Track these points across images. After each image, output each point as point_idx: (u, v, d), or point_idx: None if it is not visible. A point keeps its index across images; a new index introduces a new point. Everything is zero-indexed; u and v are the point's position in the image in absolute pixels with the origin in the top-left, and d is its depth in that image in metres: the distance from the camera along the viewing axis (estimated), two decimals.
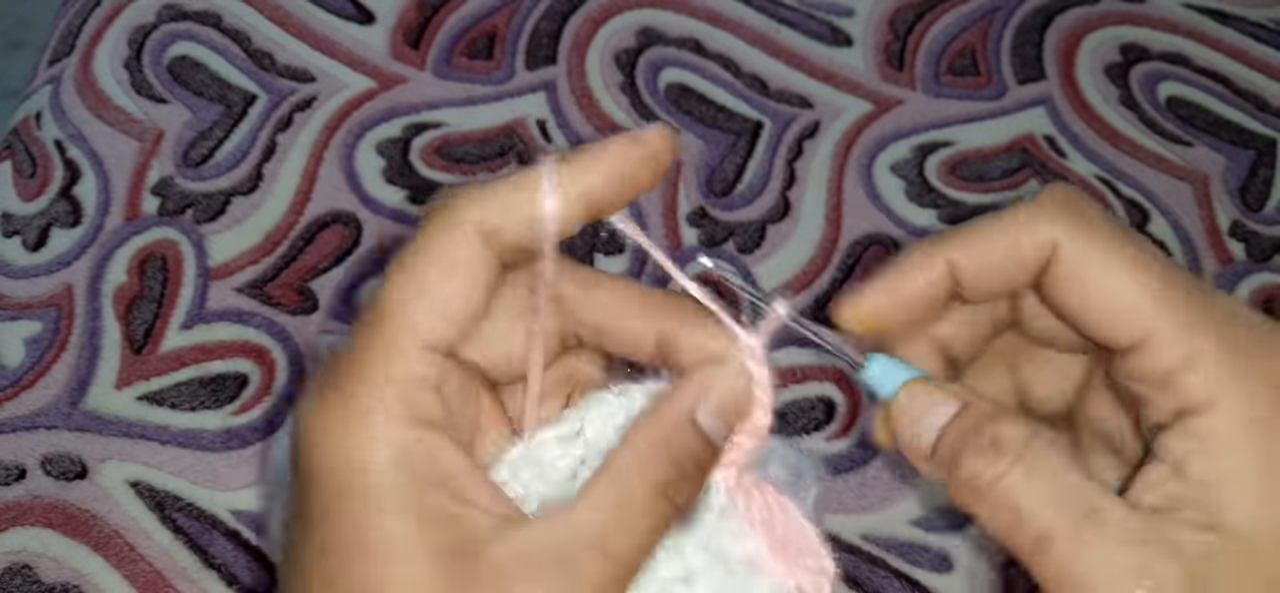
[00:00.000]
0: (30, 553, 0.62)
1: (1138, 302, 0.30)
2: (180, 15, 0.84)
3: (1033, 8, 0.87)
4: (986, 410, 0.31)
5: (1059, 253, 0.31)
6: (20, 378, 0.68)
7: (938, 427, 0.32)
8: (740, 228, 0.75)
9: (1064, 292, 0.32)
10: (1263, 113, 0.81)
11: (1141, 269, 0.30)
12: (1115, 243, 0.31)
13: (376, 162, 0.77)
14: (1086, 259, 0.31)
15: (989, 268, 0.32)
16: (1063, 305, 0.32)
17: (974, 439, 0.30)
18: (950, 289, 0.33)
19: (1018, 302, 0.35)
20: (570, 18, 0.85)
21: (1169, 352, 0.30)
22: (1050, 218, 0.32)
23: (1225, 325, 0.30)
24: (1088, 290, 0.31)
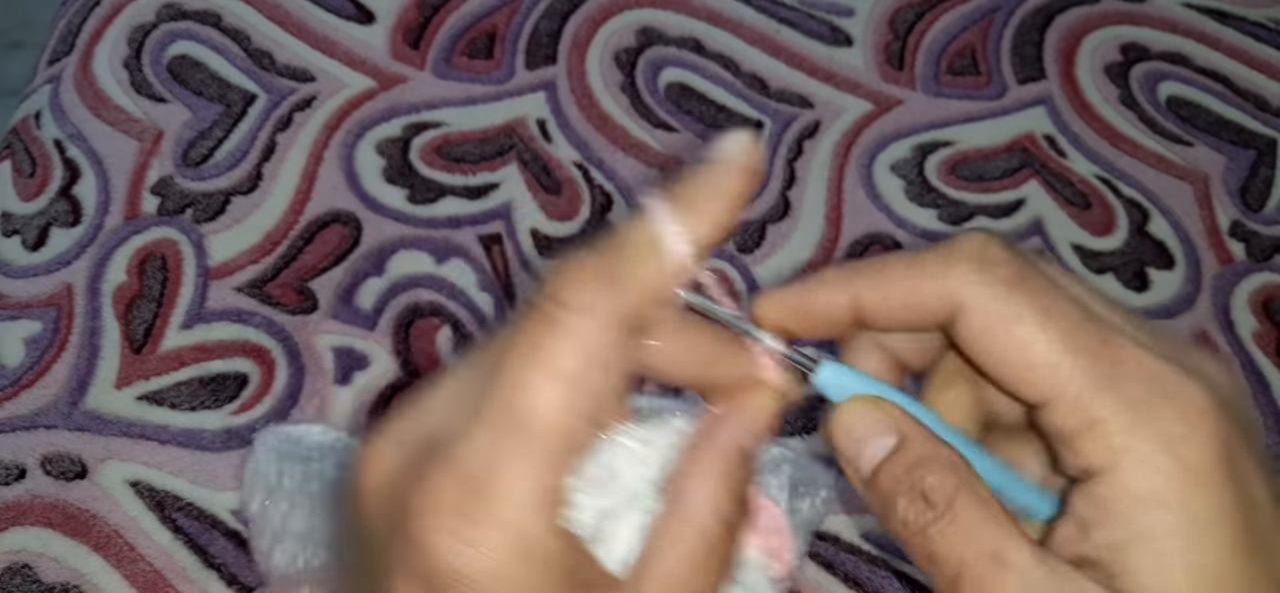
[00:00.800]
0: (30, 553, 0.62)
1: (1040, 363, 0.30)
2: (180, 15, 0.84)
3: (1033, 8, 0.87)
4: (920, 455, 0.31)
5: (964, 309, 0.31)
6: (20, 378, 0.67)
7: (876, 461, 0.32)
8: (740, 228, 0.75)
9: (971, 347, 0.31)
10: (1263, 113, 0.81)
11: (1048, 326, 0.30)
12: (1021, 300, 0.30)
13: (376, 161, 0.77)
14: (990, 317, 0.30)
15: (890, 311, 0.33)
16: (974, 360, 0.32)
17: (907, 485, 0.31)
18: (853, 319, 0.33)
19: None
20: (570, 17, 0.85)
21: (1069, 416, 0.30)
22: (957, 272, 0.31)
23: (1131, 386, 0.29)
24: (993, 349, 0.31)
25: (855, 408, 0.33)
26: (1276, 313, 0.73)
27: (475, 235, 0.74)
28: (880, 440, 0.32)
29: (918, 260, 0.32)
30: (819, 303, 0.33)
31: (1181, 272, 0.74)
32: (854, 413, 0.33)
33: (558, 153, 0.78)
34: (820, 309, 0.33)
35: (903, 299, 0.32)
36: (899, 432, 0.32)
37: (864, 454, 0.32)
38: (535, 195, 0.76)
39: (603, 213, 0.75)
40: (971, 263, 0.31)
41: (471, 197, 0.75)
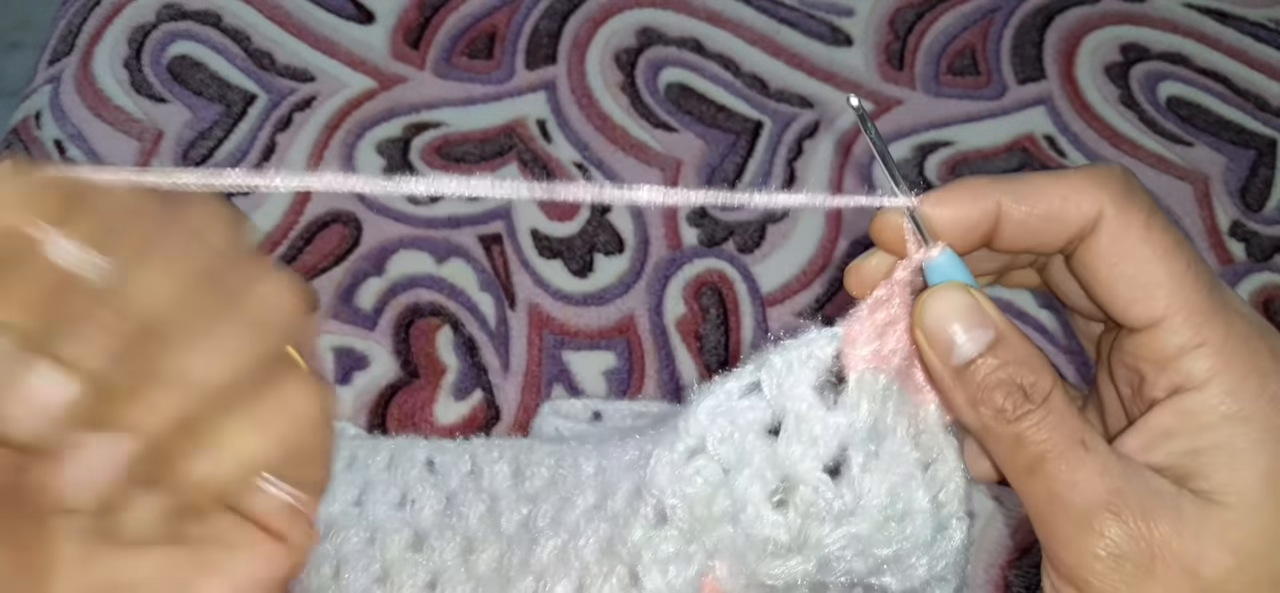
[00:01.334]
0: None
1: (1161, 285, 0.33)
2: (180, 15, 0.84)
3: (1033, 8, 0.87)
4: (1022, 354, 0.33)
5: (1102, 223, 0.33)
6: None
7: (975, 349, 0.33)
8: (740, 228, 0.75)
9: (1096, 262, 0.34)
10: (1263, 113, 0.81)
11: (1170, 256, 0.33)
12: (1155, 227, 0.33)
13: (376, 161, 0.77)
14: (1125, 235, 0.33)
15: (1032, 220, 0.34)
16: (1091, 275, 0.34)
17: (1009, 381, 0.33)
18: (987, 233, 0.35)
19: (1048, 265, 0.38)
20: (570, 17, 0.85)
21: (1178, 337, 0.32)
22: (1102, 188, 0.34)
23: (1234, 320, 0.32)
24: (1119, 266, 0.33)
25: (953, 295, 0.34)
26: (1277, 313, 0.73)
27: (475, 235, 0.74)
28: (980, 331, 0.33)
29: (1064, 176, 0.34)
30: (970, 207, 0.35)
31: None
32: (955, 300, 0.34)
33: (558, 153, 0.78)
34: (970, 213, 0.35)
35: (1048, 209, 0.34)
36: (996, 327, 0.33)
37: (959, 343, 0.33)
38: None
39: (603, 213, 0.75)
40: (1119, 186, 0.34)
41: (471, 197, 0.75)
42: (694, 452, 0.36)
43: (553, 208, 0.75)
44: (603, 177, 0.76)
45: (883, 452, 0.35)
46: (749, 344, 0.70)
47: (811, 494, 0.35)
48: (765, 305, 0.72)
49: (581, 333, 0.70)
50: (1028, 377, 0.33)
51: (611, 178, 0.77)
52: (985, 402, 0.33)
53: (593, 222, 0.75)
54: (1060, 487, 0.32)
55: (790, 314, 0.72)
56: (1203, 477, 0.31)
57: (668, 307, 0.71)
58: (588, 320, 0.70)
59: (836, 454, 0.35)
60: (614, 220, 0.75)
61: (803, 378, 0.35)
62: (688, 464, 0.36)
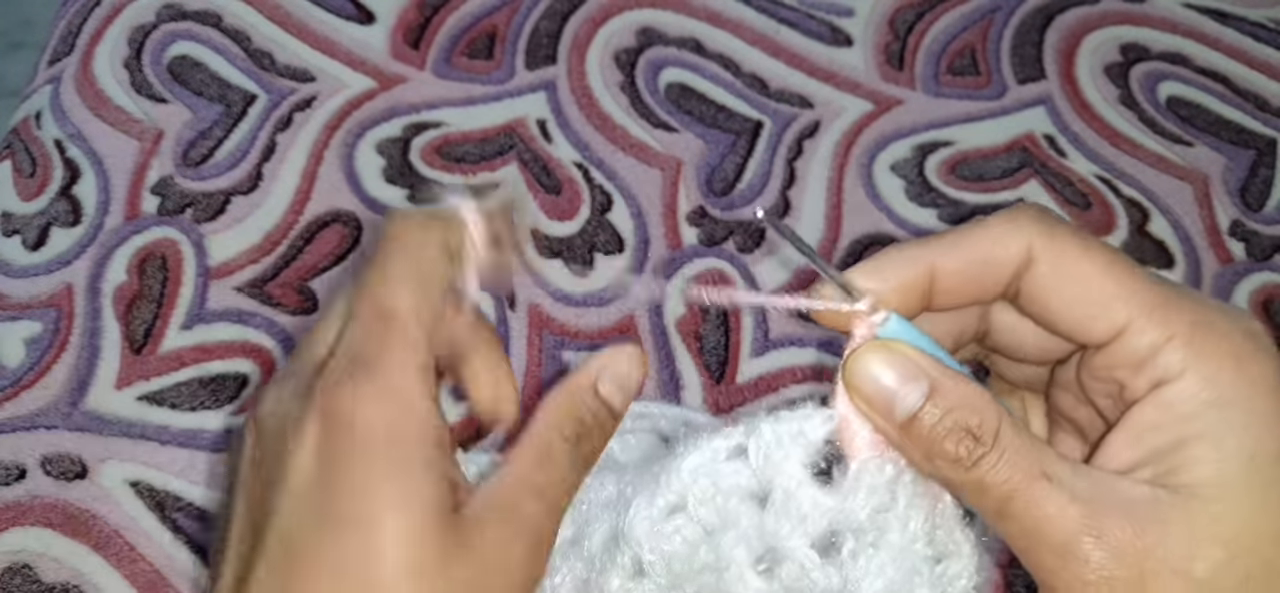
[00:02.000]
0: (30, 553, 0.62)
1: (1113, 296, 0.33)
2: (180, 15, 0.84)
3: (1033, 8, 0.87)
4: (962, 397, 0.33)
5: (1034, 257, 0.34)
6: (20, 378, 0.68)
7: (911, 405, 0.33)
8: (740, 228, 0.75)
9: (1044, 292, 0.34)
10: (1263, 113, 0.81)
11: (1113, 267, 0.33)
12: (1086, 247, 0.34)
13: (376, 161, 0.77)
14: (1062, 261, 0.33)
15: (967, 272, 0.35)
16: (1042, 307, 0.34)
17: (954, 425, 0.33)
18: (925, 295, 0.35)
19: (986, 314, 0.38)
20: (570, 18, 0.85)
21: (1146, 335, 0.33)
22: (1028, 229, 0.34)
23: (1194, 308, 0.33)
24: (1065, 291, 0.33)
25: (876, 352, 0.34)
26: (1276, 313, 0.73)
27: None
28: (913, 384, 0.33)
29: (986, 224, 0.35)
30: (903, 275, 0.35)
31: (1181, 272, 0.74)
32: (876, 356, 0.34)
33: (558, 153, 0.78)
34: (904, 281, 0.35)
35: (979, 258, 0.34)
36: (929, 376, 0.33)
37: (897, 401, 0.33)
38: (535, 195, 0.76)
39: (602, 213, 0.75)
40: (1039, 221, 0.34)
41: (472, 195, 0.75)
42: (675, 509, 0.36)
43: (553, 207, 0.75)
44: (603, 177, 0.77)
45: (885, 543, 0.34)
46: (749, 344, 0.70)
47: (798, 570, 0.34)
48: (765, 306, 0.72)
49: (581, 333, 0.70)
50: (973, 418, 0.32)
51: (612, 178, 0.77)
52: (938, 453, 0.33)
53: (593, 221, 0.75)
54: (1032, 523, 0.31)
55: (790, 314, 0.72)
56: (1186, 468, 0.31)
57: (668, 307, 0.71)
58: (588, 321, 0.70)
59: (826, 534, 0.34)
60: (614, 220, 0.75)
61: (792, 454, 0.35)
62: (667, 521, 0.36)
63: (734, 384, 0.68)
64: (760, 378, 0.68)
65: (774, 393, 0.68)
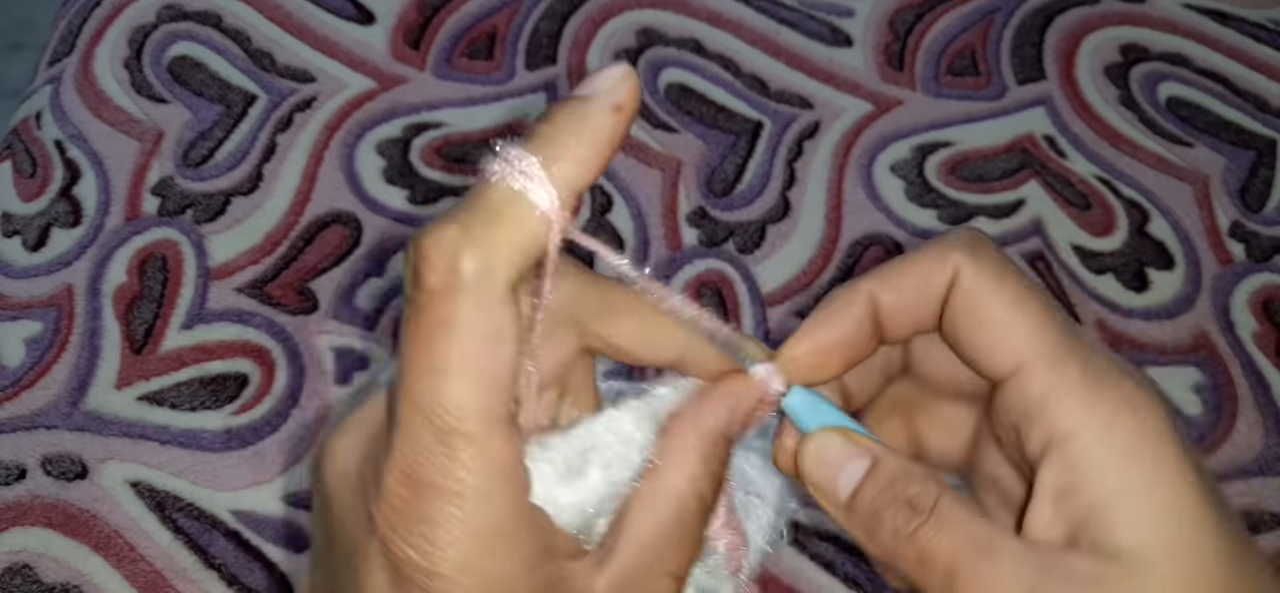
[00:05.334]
0: (30, 553, 0.62)
1: (1014, 330, 0.32)
2: (180, 15, 0.84)
3: (1033, 8, 0.87)
4: (899, 468, 0.33)
5: (958, 280, 0.33)
6: (20, 378, 0.68)
7: (854, 482, 0.33)
8: (740, 228, 0.75)
9: (956, 319, 0.33)
10: (1263, 113, 0.81)
11: (1022, 301, 0.33)
12: (1005, 277, 0.33)
13: (377, 162, 0.77)
14: (978, 287, 0.33)
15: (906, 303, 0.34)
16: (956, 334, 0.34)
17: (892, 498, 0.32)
18: (875, 331, 0.35)
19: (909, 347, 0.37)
20: (570, 18, 0.85)
21: (1038, 380, 0.32)
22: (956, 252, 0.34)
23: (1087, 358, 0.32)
24: (975, 317, 0.33)
25: (826, 438, 0.34)
26: (1276, 313, 0.73)
27: None
28: (854, 465, 0.33)
29: (919, 251, 0.34)
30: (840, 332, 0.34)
31: (1181, 272, 0.74)
32: (826, 443, 0.34)
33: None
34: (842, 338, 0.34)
35: (914, 286, 0.34)
36: (871, 454, 0.33)
37: (840, 480, 0.33)
38: None
39: (603, 213, 0.75)
40: (966, 245, 0.34)
41: None
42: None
43: None
44: (603, 177, 0.77)
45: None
46: None
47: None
48: (765, 305, 0.72)
49: None
50: (911, 489, 0.32)
51: (611, 178, 0.77)
52: (878, 527, 0.32)
53: (593, 222, 0.75)
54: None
55: (790, 314, 0.72)
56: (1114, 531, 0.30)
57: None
58: None
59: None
60: (614, 220, 0.75)
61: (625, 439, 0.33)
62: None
63: None
64: None
65: None
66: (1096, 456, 0.31)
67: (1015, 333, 0.32)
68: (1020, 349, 0.32)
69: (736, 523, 0.36)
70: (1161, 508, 0.30)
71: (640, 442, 0.33)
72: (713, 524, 0.34)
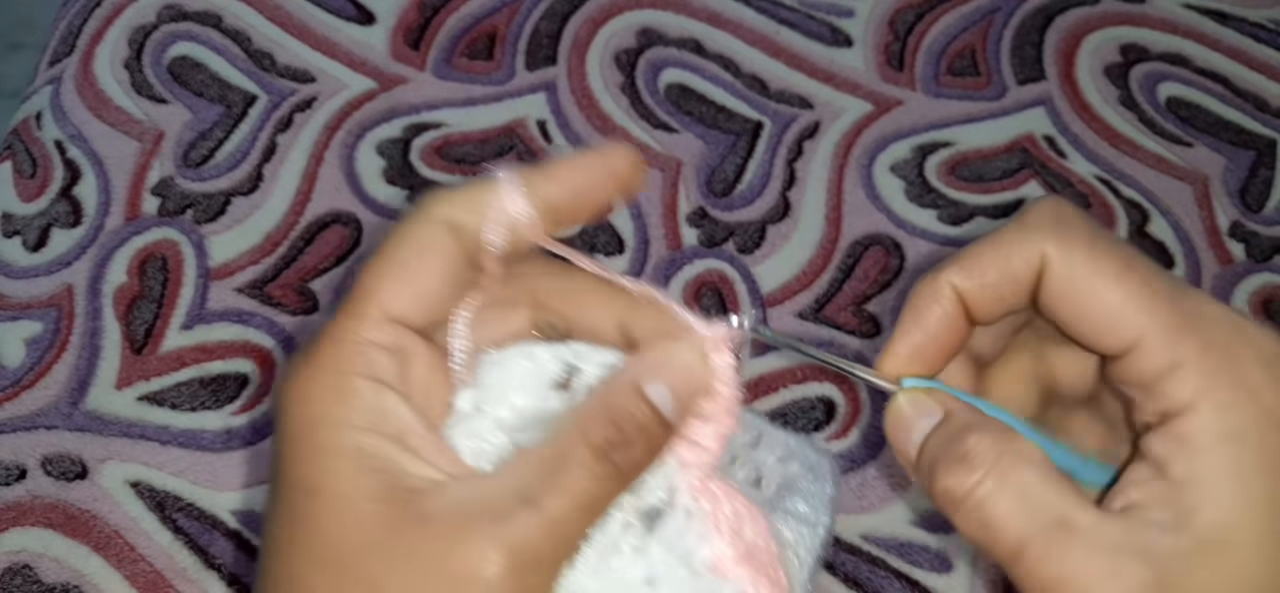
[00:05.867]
0: (30, 553, 0.62)
1: (1124, 309, 0.31)
2: (180, 15, 0.84)
3: (1033, 8, 0.87)
4: (962, 422, 0.32)
5: (1048, 265, 0.32)
6: (20, 378, 0.68)
7: (921, 437, 0.33)
8: (740, 228, 0.75)
9: (1055, 304, 0.32)
10: (1263, 113, 0.81)
11: (1127, 277, 0.31)
12: (1100, 252, 0.32)
13: (377, 162, 0.77)
14: (1073, 270, 0.32)
15: (989, 290, 0.33)
16: (1056, 316, 0.33)
17: (947, 452, 0.32)
18: (964, 318, 0.34)
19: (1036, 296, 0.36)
20: (570, 18, 0.85)
21: (1154, 357, 0.31)
22: (1038, 232, 0.33)
23: (1209, 330, 0.31)
24: (1076, 301, 0.32)
25: (901, 399, 0.34)
26: (1276, 313, 0.73)
27: None
28: (926, 419, 0.33)
29: (999, 234, 0.33)
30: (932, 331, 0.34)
31: (1181, 272, 0.74)
32: (904, 400, 0.34)
33: (558, 154, 0.78)
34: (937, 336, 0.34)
35: (997, 274, 0.33)
36: (944, 410, 0.33)
37: (912, 435, 0.33)
38: None
39: None
40: (1050, 223, 0.32)
41: None
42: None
43: None
44: None
45: None
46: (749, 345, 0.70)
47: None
48: (765, 305, 0.72)
49: None
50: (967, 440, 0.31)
51: None
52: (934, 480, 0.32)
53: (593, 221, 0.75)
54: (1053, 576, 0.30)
55: (790, 314, 0.72)
56: (1205, 509, 0.30)
57: None
58: None
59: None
60: (614, 221, 0.75)
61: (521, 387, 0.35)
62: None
63: None
64: (760, 378, 0.68)
65: (774, 393, 0.68)
66: (1204, 433, 0.30)
67: (1124, 312, 0.31)
68: (1131, 328, 0.31)
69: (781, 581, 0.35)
70: (1257, 494, 0.30)
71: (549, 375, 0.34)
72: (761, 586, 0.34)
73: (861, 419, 0.67)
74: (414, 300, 0.33)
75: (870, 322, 0.71)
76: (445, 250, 0.33)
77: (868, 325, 0.71)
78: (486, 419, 0.34)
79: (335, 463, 0.30)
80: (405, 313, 0.33)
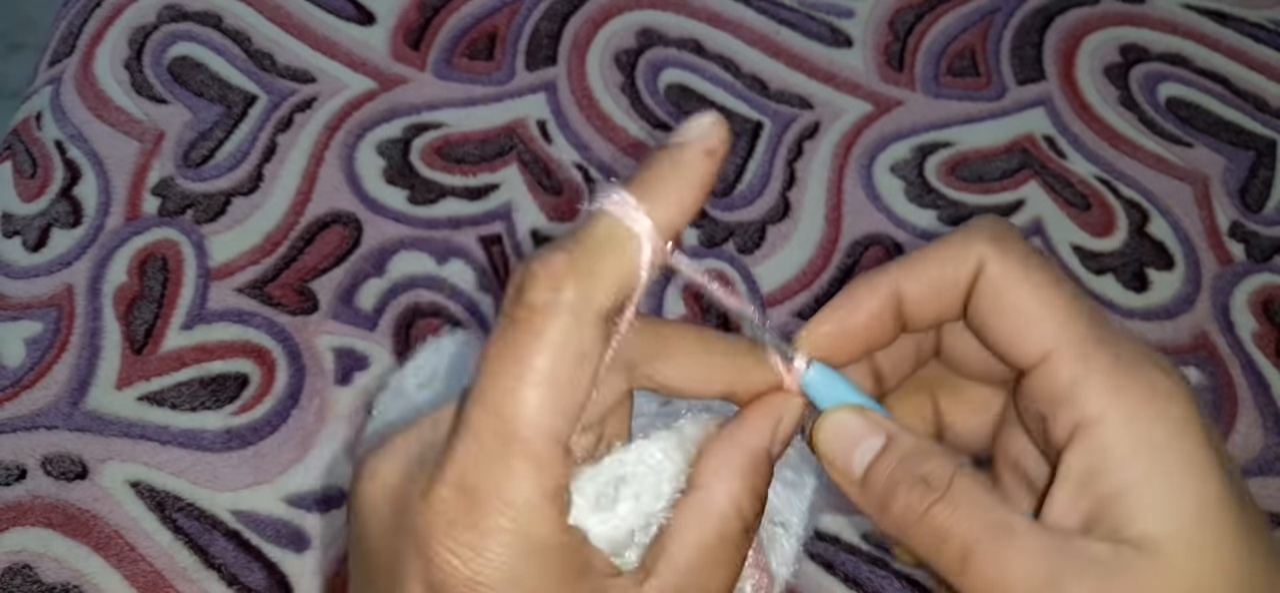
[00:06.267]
0: (30, 553, 0.62)
1: (1042, 320, 0.32)
2: (181, 15, 0.84)
3: (1033, 8, 0.87)
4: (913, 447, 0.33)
5: (983, 271, 0.33)
6: (20, 378, 0.68)
7: (867, 460, 0.33)
8: (740, 228, 0.75)
9: (984, 309, 0.33)
10: (1263, 113, 0.82)
11: (1050, 291, 0.32)
12: (1031, 266, 0.33)
13: (377, 162, 0.77)
14: (1005, 277, 0.33)
15: (929, 292, 0.34)
16: (982, 324, 0.34)
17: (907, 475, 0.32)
18: (896, 318, 0.35)
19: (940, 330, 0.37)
20: (570, 18, 0.85)
21: (1066, 369, 0.32)
22: (978, 241, 0.33)
23: (1119, 348, 0.32)
24: (1001, 308, 0.33)
25: (842, 415, 0.34)
26: (1276, 313, 0.73)
27: (476, 236, 0.74)
28: (869, 442, 0.33)
29: (944, 241, 0.34)
30: (861, 318, 0.34)
31: (1181, 272, 0.74)
32: (841, 420, 0.34)
33: (558, 154, 0.78)
34: (863, 324, 0.34)
35: (936, 276, 0.34)
36: (886, 432, 0.33)
37: (854, 457, 0.34)
38: (536, 196, 0.76)
39: None
40: (990, 235, 0.33)
41: (472, 197, 0.76)
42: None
43: (553, 207, 0.75)
44: (603, 177, 0.77)
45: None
46: None
47: None
48: (765, 306, 0.72)
49: None
50: (925, 466, 0.32)
51: (612, 179, 0.77)
52: (891, 503, 0.32)
53: None
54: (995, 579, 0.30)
55: (790, 314, 0.72)
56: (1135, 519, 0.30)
57: (668, 307, 0.71)
58: None
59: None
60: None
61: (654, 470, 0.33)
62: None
63: None
64: None
65: None
66: (1121, 444, 0.31)
67: (1043, 322, 0.32)
68: (1048, 338, 0.32)
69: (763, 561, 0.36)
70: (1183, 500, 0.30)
71: (671, 472, 0.32)
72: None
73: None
74: (576, 421, 0.29)
75: None
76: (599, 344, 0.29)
77: None
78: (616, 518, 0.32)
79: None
80: (566, 436, 0.29)
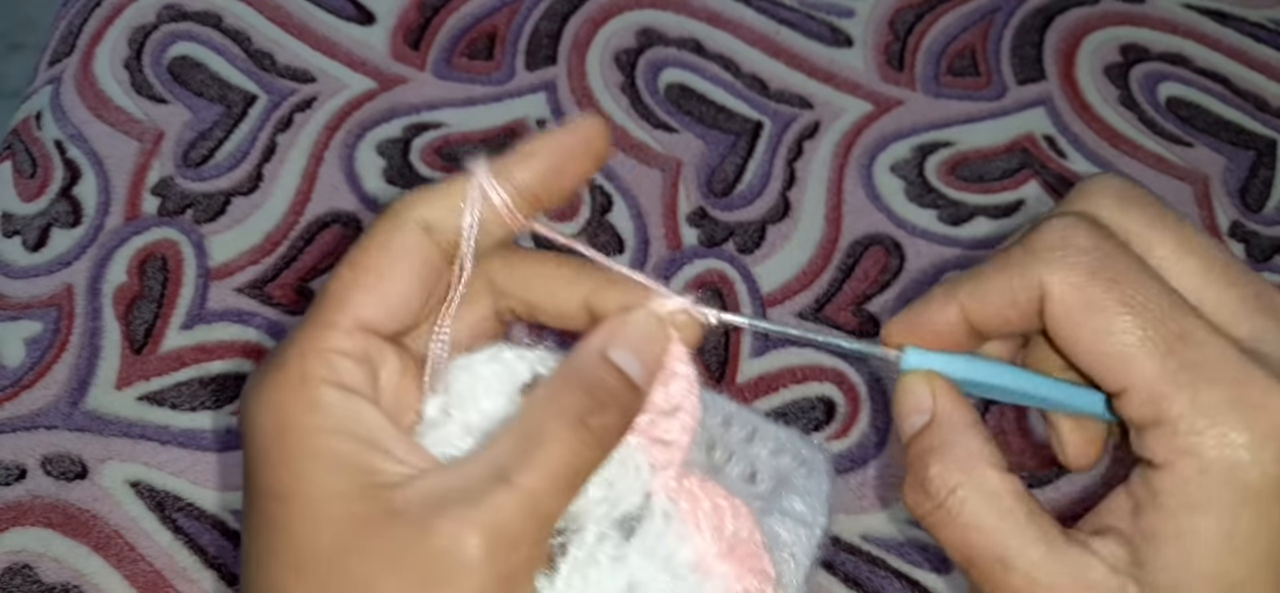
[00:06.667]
0: (30, 553, 0.62)
1: (1116, 352, 0.30)
2: (180, 15, 0.84)
3: (1033, 8, 0.87)
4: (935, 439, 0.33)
5: (1047, 296, 0.31)
6: (20, 378, 0.68)
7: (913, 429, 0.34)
8: (740, 228, 0.75)
9: (1055, 335, 0.32)
10: (1263, 113, 0.81)
11: (1121, 319, 0.30)
12: (1100, 284, 0.31)
13: (377, 162, 0.77)
14: (1069, 305, 0.31)
15: (993, 315, 0.33)
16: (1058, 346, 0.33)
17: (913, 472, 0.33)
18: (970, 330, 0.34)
19: None
20: (570, 18, 0.85)
21: (1141, 408, 0.30)
22: (1040, 262, 0.32)
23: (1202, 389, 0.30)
24: (1071, 338, 0.31)
25: (913, 380, 0.34)
26: None
27: None
28: (917, 416, 0.33)
29: (1006, 257, 0.33)
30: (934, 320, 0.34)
31: None
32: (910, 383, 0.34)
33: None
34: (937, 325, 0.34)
35: (1000, 300, 0.33)
36: (933, 411, 0.33)
37: (907, 422, 0.34)
38: None
39: (603, 213, 0.75)
40: (1052, 251, 0.31)
41: None
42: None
43: None
44: (603, 177, 0.77)
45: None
46: (749, 345, 0.70)
47: None
48: (765, 305, 0.72)
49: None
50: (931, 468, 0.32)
51: (611, 178, 0.77)
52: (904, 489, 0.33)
53: (593, 221, 0.75)
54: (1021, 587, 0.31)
55: (790, 314, 0.72)
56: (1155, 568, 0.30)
57: None
58: None
59: None
60: (614, 220, 0.75)
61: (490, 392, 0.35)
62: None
63: (734, 385, 0.68)
64: (760, 378, 0.69)
65: (774, 393, 0.68)
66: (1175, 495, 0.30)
67: (1117, 356, 0.30)
68: (1122, 374, 0.30)
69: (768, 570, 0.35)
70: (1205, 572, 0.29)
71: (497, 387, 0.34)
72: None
73: (861, 419, 0.67)
74: (385, 308, 0.33)
75: (870, 322, 0.71)
76: (418, 254, 0.33)
77: (868, 325, 0.71)
78: (454, 424, 0.34)
79: (306, 467, 0.31)
80: (376, 321, 0.33)
